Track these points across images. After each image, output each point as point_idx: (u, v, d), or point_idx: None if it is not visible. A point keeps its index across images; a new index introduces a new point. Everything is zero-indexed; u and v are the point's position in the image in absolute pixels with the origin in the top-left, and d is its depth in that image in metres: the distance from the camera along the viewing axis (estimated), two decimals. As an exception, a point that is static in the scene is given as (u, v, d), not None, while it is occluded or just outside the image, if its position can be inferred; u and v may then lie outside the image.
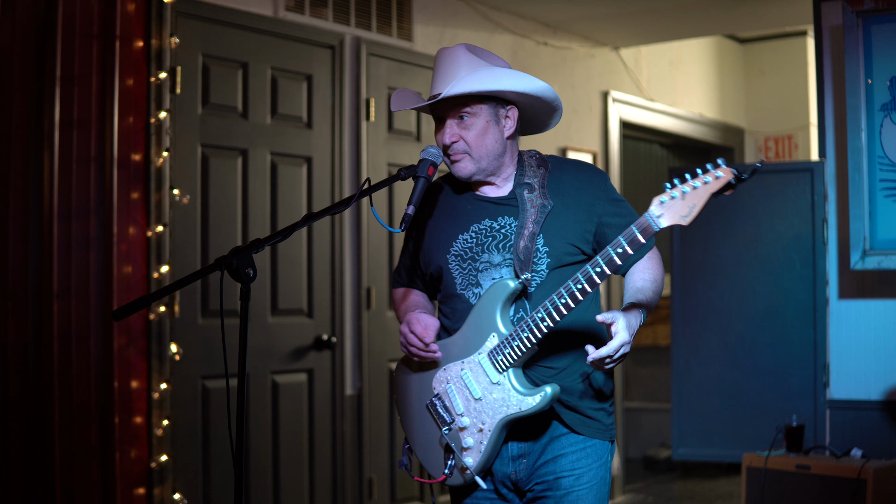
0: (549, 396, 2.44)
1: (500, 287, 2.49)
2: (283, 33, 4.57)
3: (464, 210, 2.62)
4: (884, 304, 4.34)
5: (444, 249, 2.61)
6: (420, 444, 2.66)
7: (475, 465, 2.53)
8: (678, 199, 2.15)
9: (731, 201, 4.90)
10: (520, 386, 2.47)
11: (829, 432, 4.43)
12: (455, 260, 2.59)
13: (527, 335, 2.41)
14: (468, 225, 2.59)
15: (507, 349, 2.45)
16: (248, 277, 2.32)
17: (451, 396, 2.55)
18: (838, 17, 4.24)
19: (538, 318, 2.39)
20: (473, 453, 2.52)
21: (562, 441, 2.55)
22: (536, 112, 2.61)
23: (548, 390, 2.44)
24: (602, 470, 2.58)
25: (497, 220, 2.57)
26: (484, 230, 2.57)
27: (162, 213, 4.03)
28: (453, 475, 2.57)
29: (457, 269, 2.59)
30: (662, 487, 6.79)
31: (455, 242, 2.60)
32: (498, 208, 2.58)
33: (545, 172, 2.58)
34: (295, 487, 4.58)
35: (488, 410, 2.49)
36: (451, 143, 2.52)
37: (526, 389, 2.46)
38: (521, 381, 2.48)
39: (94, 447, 3.82)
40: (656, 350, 7.81)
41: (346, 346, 4.82)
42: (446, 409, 2.56)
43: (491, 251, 2.55)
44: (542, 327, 2.39)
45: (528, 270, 2.48)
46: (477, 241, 2.57)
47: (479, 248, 2.56)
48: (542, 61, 6.02)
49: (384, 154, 4.99)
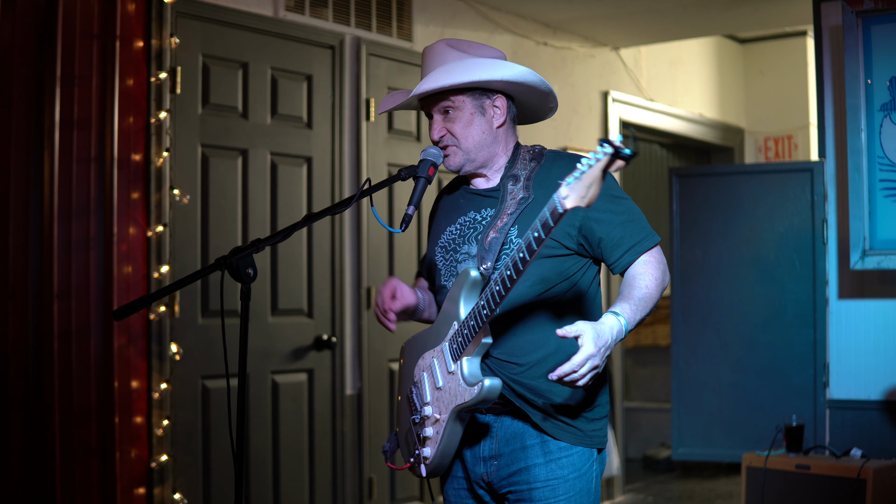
0: (486, 389, 2.35)
1: (462, 276, 2.48)
2: (283, 33, 4.57)
3: (456, 203, 2.64)
4: (884, 304, 4.34)
5: (434, 242, 2.65)
6: (401, 430, 2.66)
7: (431, 455, 2.49)
8: (579, 181, 2.10)
9: (731, 201, 4.92)
10: (468, 376, 2.40)
11: (828, 432, 4.43)
12: (441, 252, 2.61)
13: (472, 322, 2.38)
14: (456, 217, 2.61)
15: (460, 337, 2.42)
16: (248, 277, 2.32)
17: (424, 385, 2.53)
18: (838, 18, 4.24)
19: (479, 306, 2.36)
20: (431, 443, 2.49)
21: (536, 450, 2.49)
22: (528, 99, 2.59)
23: (485, 382, 2.35)
24: (582, 481, 2.49)
25: (480, 212, 2.56)
26: (468, 222, 2.57)
27: (162, 213, 4.03)
28: (418, 465, 2.55)
29: (441, 261, 2.61)
30: (662, 487, 6.79)
31: (443, 235, 2.62)
32: (483, 200, 2.57)
33: (536, 165, 2.55)
34: (295, 487, 4.58)
35: (445, 400, 2.45)
36: (440, 137, 2.53)
37: (471, 380, 2.39)
38: (472, 372, 2.41)
39: (94, 447, 3.82)
40: (656, 350, 7.81)
41: (346, 346, 4.82)
42: (419, 398, 2.54)
43: (470, 242, 2.54)
44: (483, 315, 2.35)
45: (491, 261, 2.45)
46: (460, 232, 2.58)
47: (461, 239, 2.57)
48: (542, 61, 6.02)
49: (384, 154, 4.99)
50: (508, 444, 2.52)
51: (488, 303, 2.34)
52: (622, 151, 2.00)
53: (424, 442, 2.50)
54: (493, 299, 2.32)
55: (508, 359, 2.48)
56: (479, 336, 2.39)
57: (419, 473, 2.57)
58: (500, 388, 2.39)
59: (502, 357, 2.49)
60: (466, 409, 2.42)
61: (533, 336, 2.49)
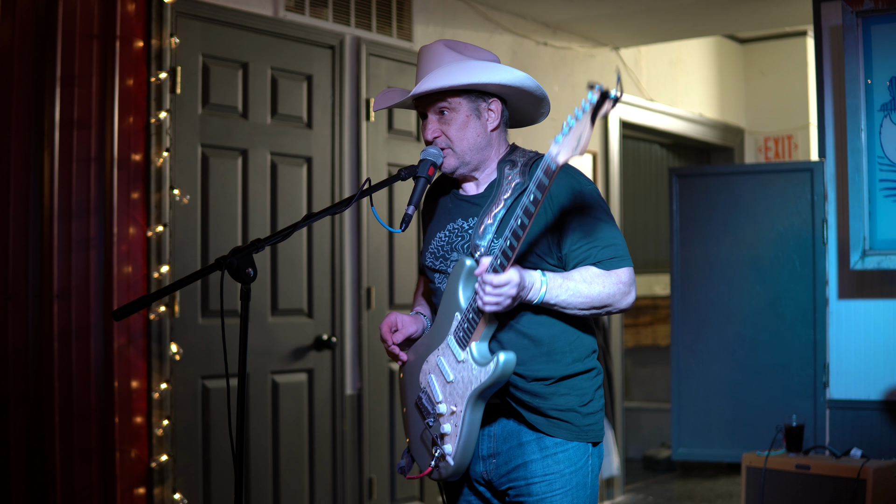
0: (502, 364, 2.36)
1: (458, 266, 2.49)
2: (283, 33, 4.57)
3: (446, 208, 2.65)
4: (884, 304, 4.34)
5: (425, 246, 2.66)
6: (414, 441, 2.65)
7: (454, 450, 2.47)
8: (568, 135, 2.18)
9: (731, 201, 4.93)
10: (479, 357, 2.41)
11: (828, 432, 4.43)
12: (431, 257, 2.62)
13: (474, 308, 2.39)
14: (445, 223, 2.61)
15: (465, 323, 2.43)
16: (248, 277, 2.32)
17: (433, 386, 2.53)
18: (838, 18, 4.25)
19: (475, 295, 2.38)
20: (452, 438, 2.47)
21: (532, 445, 2.51)
22: (522, 104, 2.59)
23: (501, 357, 2.36)
24: (578, 475, 2.51)
25: (468, 220, 2.57)
26: (455, 230, 2.58)
27: (162, 213, 4.03)
28: (438, 467, 2.52)
29: (432, 266, 2.62)
30: (662, 487, 6.79)
31: (433, 241, 2.63)
32: (471, 208, 2.58)
33: (535, 156, 2.57)
34: (295, 487, 4.58)
35: (459, 391, 2.45)
36: (434, 139, 2.53)
37: (483, 360, 2.40)
38: (482, 354, 2.42)
39: (94, 447, 3.82)
40: (656, 350, 7.81)
41: (346, 346, 4.82)
42: (430, 401, 2.53)
43: (458, 250, 2.55)
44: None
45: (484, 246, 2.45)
46: (448, 239, 2.59)
47: (449, 246, 2.58)
48: (542, 61, 6.02)
49: (384, 154, 5.00)
50: (506, 442, 2.53)
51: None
52: (610, 94, 2.09)
53: (444, 439, 2.49)
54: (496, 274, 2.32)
55: None
56: (483, 321, 2.40)
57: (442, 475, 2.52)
58: (514, 361, 2.38)
59: None
60: (486, 390, 2.41)
61: (520, 340, 2.49)
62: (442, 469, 2.51)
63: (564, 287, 2.40)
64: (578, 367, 2.53)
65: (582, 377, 2.54)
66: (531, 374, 2.48)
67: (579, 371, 2.53)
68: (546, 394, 2.49)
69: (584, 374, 2.54)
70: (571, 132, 2.17)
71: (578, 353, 2.54)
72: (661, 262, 7.67)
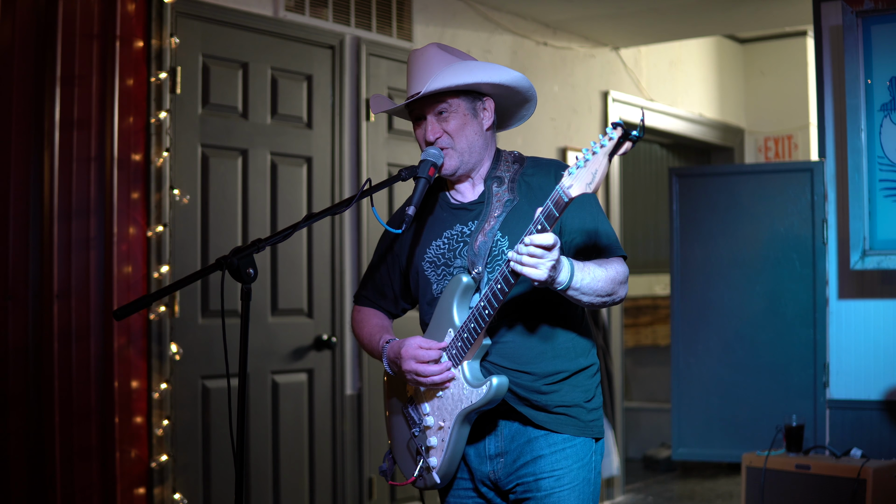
0: (495, 388, 2.39)
1: (454, 282, 2.49)
2: (283, 33, 4.57)
3: (438, 216, 2.64)
4: (884, 304, 4.34)
5: (419, 256, 2.63)
6: (398, 448, 2.66)
7: (439, 463, 2.51)
8: (583, 168, 2.18)
9: (731, 201, 4.92)
10: (471, 378, 2.44)
11: (828, 432, 4.43)
12: (430, 267, 2.61)
13: (473, 325, 2.41)
14: (441, 231, 2.61)
15: (459, 342, 2.44)
16: (248, 277, 2.32)
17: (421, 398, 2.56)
18: (838, 18, 4.25)
19: (480, 307, 2.39)
20: (437, 452, 2.51)
21: (540, 441, 2.52)
22: (510, 104, 2.62)
23: (493, 381, 2.40)
24: (584, 470, 2.54)
25: (467, 224, 2.57)
26: (455, 236, 2.58)
27: (162, 213, 4.03)
28: (422, 477, 2.56)
29: (433, 275, 2.60)
30: (662, 487, 6.79)
31: (429, 249, 2.61)
32: (468, 213, 2.59)
33: (519, 167, 2.59)
34: (295, 487, 4.58)
35: (448, 407, 2.48)
36: (435, 139, 2.53)
37: (476, 382, 2.43)
38: (475, 374, 2.45)
39: (94, 447, 3.82)
40: (656, 350, 7.82)
41: (346, 346, 4.82)
42: (417, 411, 2.56)
43: (462, 256, 2.56)
44: (485, 315, 2.38)
45: (482, 265, 2.47)
46: (449, 246, 2.58)
47: (451, 253, 2.57)
48: (542, 61, 6.02)
49: (384, 154, 5.00)
50: (514, 441, 2.55)
51: (490, 303, 2.36)
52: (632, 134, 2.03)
53: (429, 452, 2.53)
54: (496, 298, 2.35)
55: (503, 363, 2.50)
56: (480, 338, 2.41)
57: (427, 484, 2.56)
58: (507, 385, 2.42)
59: (497, 361, 2.51)
60: (474, 411, 2.44)
61: (527, 339, 2.51)
62: (426, 480, 2.55)
63: (587, 270, 2.39)
64: (583, 361, 2.57)
65: (584, 373, 2.57)
66: (541, 372, 2.50)
67: (584, 366, 2.57)
68: (552, 391, 2.51)
69: (586, 369, 2.58)
70: (587, 165, 2.16)
71: (581, 348, 2.57)
72: (661, 262, 7.67)
